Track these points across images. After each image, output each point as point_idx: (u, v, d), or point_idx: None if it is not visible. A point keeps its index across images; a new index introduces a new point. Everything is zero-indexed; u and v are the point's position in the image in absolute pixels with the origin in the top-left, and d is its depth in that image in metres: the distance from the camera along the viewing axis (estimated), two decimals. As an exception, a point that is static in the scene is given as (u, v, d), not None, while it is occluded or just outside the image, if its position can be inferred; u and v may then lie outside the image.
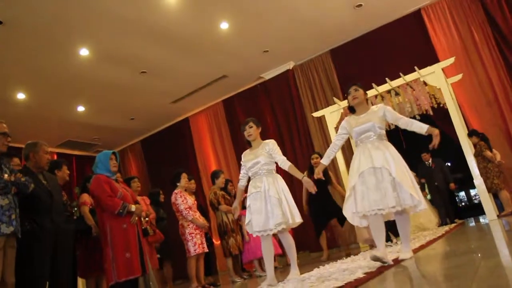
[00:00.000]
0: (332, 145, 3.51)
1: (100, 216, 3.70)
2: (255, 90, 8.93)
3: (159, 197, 5.89)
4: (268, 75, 8.64)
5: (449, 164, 13.88)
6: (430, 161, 7.78)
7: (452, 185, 7.55)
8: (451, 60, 6.29)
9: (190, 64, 7.46)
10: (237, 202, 3.83)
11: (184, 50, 6.99)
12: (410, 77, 6.51)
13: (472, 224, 7.09)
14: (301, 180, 3.53)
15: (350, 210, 3.21)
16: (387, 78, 6.60)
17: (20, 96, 7.14)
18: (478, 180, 6.04)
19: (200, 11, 6.10)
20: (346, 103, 4.66)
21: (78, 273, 4.46)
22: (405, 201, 3.02)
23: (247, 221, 3.56)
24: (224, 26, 6.58)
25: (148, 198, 5.62)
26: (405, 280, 2.48)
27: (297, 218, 3.46)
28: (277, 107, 8.60)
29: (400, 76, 6.54)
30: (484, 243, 3.65)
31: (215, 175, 5.69)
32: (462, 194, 16.26)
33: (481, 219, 7.26)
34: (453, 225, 6.77)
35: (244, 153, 3.74)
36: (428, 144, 3.34)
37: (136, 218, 3.76)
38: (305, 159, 8.11)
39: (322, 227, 5.92)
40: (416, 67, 6.36)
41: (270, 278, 3.42)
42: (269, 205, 3.40)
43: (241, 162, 3.73)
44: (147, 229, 4.37)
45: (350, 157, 4.97)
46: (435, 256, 3.39)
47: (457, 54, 6.78)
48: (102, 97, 7.97)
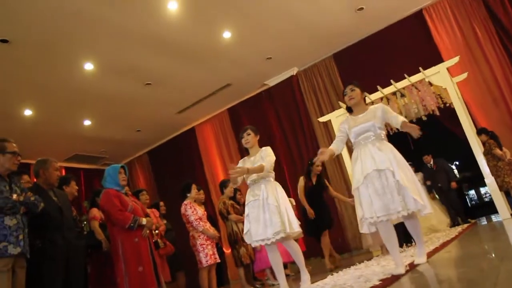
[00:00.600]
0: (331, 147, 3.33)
1: (111, 230, 3.68)
2: (259, 97, 8.93)
3: (159, 208, 5.85)
4: (272, 81, 8.64)
5: (457, 163, 13.77)
6: (432, 162, 7.71)
7: (453, 184, 7.43)
8: (456, 59, 6.26)
9: (194, 74, 7.48)
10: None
11: (188, 61, 7.01)
12: (415, 78, 6.49)
13: (485, 223, 7.01)
14: (249, 170, 3.37)
15: (359, 215, 3.06)
16: (391, 80, 6.57)
17: (27, 112, 7.20)
18: (489, 178, 5.98)
19: (202, 21, 6.12)
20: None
21: (90, 289, 4.45)
22: (408, 206, 2.89)
23: (245, 231, 3.50)
24: (226, 35, 6.60)
25: (157, 210, 5.61)
26: (424, 286, 2.43)
27: (295, 228, 3.36)
28: (282, 114, 8.58)
29: (404, 78, 6.51)
30: (500, 243, 3.60)
31: (223, 185, 5.67)
32: (472, 192, 16.08)
33: (494, 218, 7.18)
34: (465, 225, 6.70)
35: (241, 160, 3.73)
36: (431, 146, 3.26)
37: (148, 231, 3.74)
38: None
39: (317, 236, 5.71)
40: (420, 68, 6.33)
41: (283, 287, 3.39)
42: (267, 213, 3.33)
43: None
44: (158, 241, 4.35)
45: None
46: (451, 259, 3.34)
47: (461, 52, 6.74)
48: (108, 110, 8.02)
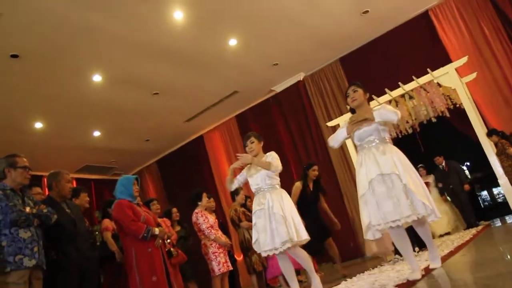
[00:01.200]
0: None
1: (124, 241, 3.69)
2: (267, 104, 8.94)
3: (171, 215, 5.77)
4: (279, 87, 8.64)
5: (468, 164, 13.61)
6: (444, 164, 7.62)
7: (466, 186, 7.34)
8: (464, 60, 6.20)
9: (201, 82, 7.51)
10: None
11: (195, 69, 7.05)
12: (423, 80, 6.43)
13: (499, 224, 6.91)
14: (252, 160, 3.43)
15: (364, 222, 2.94)
16: (400, 82, 6.53)
17: (38, 125, 7.29)
18: (502, 179, 5.89)
19: (208, 30, 6.16)
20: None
21: (104, 300, 4.45)
22: (418, 210, 2.77)
23: (254, 240, 3.49)
24: (232, 42, 6.63)
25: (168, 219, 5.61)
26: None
27: (303, 235, 3.32)
28: (290, 119, 8.58)
29: (413, 79, 6.46)
30: (517, 246, 3.54)
31: (235, 192, 5.66)
32: (484, 193, 15.86)
33: (508, 219, 7.07)
34: (480, 227, 6.60)
35: (246, 168, 3.69)
36: (441, 147, 3.19)
37: (160, 241, 3.75)
38: (322, 170, 8.00)
39: (319, 250, 5.52)
40: (428, 69, 6.28)
41: None
42: (273, 222, 3.29)
43: (242, 173, 3.70)
44: (171, 251, 4.35)
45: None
46: (467, 263, 3.30)
47: (469, 52, 6.68)
48: (117, 121, 8.08)
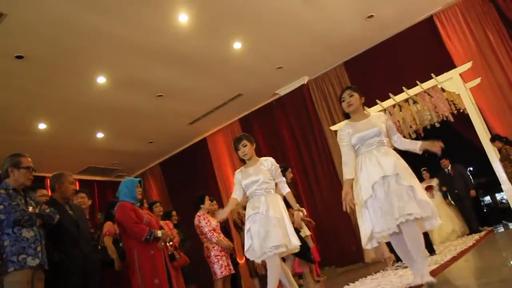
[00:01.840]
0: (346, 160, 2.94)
1: (127, 243, 3.70)
2: (271, 107, 8.94)
3: (171, 218, 5.78)
4: (283, 91, 8.64)
5: (471, 169, 13.54)
6: (450, 167, 7.58)
7: (472, 192, 7.30)
8: (469, 65, 6.20)
9: (205, 85, 7.53)
10: (228, 209, 3.37)
11: (199, 72, 7.06)
12: (427, 85, 6.43)
13: (502, 230, 6.88)
14: (294, 210, 3.21)
15: (366, 230, 2.75)
16: (404, 87, 6.53)
17: (42, 126, 7.30)
18: (506, 185, 5.87)
19: (212, 33, 6.17)
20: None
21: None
22: (425, 210, 2.59)
23: (247, 247, 3.28)
24: (237, 46, 6.64)
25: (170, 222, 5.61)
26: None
27: (295, 241, 3.17)
28: (294, 122, 8.57)
29: (417, 84, 6.46)
30: (521, 252, 3.52)
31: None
32: (487, 198, 15.79)
33: (511, 225, 7.05)
34: (483, 233, 6.58)
35: (239, 170, 3.47)
36: (448, 150, 3.17)
37: (162, 244, 3.75)
38: (325, 175, 8.03)
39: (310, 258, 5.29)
40: (432, 74, 6.28)
41: None
42: (268, 225, 3.13)
43: (235, 179, 3.45)
44: (174, 254, 4.35)
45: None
46: (471, 269, 3.28)
47: (473, 57, 6.66)
48: (121, 123, 8.09)
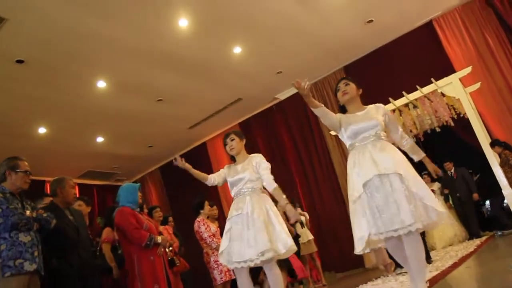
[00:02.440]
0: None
1: (127, 248, 3.68)
2: (270, 111, 8.94)
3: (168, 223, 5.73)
4: (283, 95, 8.64)
5: (470, 171, 13.49)
6: (453, 170, 7.56)
7: (475, 196, 7.30)
8: (468, 70, 6.21)
9: (205, 89, 7.52)
10: (192, 171, 3.29)
11: (199, 76, 7.06)
12: (427, 89, 6.44)
13: (501, 235, 6.84)
14: (283, 206, 2.95)
15: (359, 233, 2.46)
16: (404, 92, 6.53)
17: (41, 130, 7.29)
18: (506, 190, 5.86)
19: (212, 38, 6.17)
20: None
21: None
22: (429, 216, 2.35)
23: (221, 249, 3.02)
24: (237, 50, 6.64)
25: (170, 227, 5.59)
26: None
27: (288, 243, 2.88)
28: (294, 127, 8.57)
29: (416, 89, 6.47)
30: (522, 258, 3.51)
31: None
32: (487, 203, 15.75)
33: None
34: (483, 238, 6.55)
35: (226, 167, 3.35)
36: (451, 152, 3.12)
37: (162, 249, 3.73)
38: (325, 179, 8.02)
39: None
40: (432, 79, 6.29)
41: None
42: (252, 230, 2.87)
43: (219, 171, 3.38)
44: (174, 259, 4.33)
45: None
46: (473, 275, 3.26)
47: (473, 62, 6.67)
48: (120, 127, 8.09)
